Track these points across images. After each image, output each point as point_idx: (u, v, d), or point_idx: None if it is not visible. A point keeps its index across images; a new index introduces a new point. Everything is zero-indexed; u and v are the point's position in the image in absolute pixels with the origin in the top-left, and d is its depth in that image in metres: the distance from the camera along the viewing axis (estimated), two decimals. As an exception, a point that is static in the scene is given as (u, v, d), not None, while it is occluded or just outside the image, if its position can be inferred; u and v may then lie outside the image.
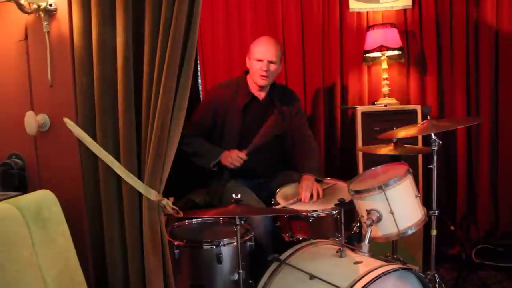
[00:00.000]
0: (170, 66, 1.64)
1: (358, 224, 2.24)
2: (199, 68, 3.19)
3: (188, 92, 1.71)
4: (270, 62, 2.54)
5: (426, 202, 2.43)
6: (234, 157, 2.46)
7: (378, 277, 1.60)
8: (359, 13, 3.26)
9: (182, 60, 1.68)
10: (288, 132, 2.70)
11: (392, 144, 2.33)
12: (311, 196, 2.32)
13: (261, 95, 2.65)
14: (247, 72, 2.67)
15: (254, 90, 2.63)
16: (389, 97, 3.08)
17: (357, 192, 1.99)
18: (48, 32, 1.86)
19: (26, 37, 1.93)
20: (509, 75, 3.13)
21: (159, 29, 1.67)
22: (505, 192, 3.21)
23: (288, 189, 2.49)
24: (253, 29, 3.22)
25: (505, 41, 3.12)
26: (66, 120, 1.83)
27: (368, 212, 1.95)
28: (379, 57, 3.11)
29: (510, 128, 3.17)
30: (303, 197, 2.32)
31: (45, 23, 1.84)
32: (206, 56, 3.25)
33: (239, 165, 2.46)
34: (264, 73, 2.54)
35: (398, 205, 1.93)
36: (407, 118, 2.89)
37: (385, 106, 2.99)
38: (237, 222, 1.86)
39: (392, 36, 3.00)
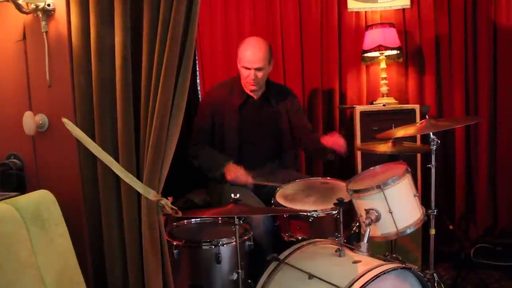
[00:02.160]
0: (168, 65, 1.64)
1: (357, 223, 2.24)
2: (197, 68, 3.19)
3: (187, 91, 1.71)
4: (258, 69, 2.51)
5: (424, 201, 2.42)
6: (239, 178, 2.44)
7: (377, 276, 1.60)
8: (357, 12, 3.26)
9: (181, 60, 1.68)
10: (286, 130, 2.70)
11: (391, 143, 2.33)
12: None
13: (256, 94, 2.65)
14: None
15: (248, 90, 2.63)
16: (387, 96, 3.09)
17: (356, 191, 1.99)
18: (46, 32, 1.85)
19: (24, 37, 1.92)
20: (508, 74, 3.14)
21: (157, 29, 1.67)
22: (503, 191, 3.21)
23: (288, 189, 2.48)
24: (251, 29, 3.22)
25: (504, 41, 3.12)
26: (65, 120, 1.83)
27: (367, 211, 1.95)
28: (377, 57, 3.11)
29: (509, 127, 3.17)
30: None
31: (43, 23, 1.84)
32: (205, 56, 3.25)
33: (239, 184, 2.45)
34: (252, 82, 2.54)
35: (396, 205, 1.93)
36: (406, 117, 2.90)
37: (384, 105, 2.99)
38: (236, 222, 1.86)
39: (391, 36, 3.00)
